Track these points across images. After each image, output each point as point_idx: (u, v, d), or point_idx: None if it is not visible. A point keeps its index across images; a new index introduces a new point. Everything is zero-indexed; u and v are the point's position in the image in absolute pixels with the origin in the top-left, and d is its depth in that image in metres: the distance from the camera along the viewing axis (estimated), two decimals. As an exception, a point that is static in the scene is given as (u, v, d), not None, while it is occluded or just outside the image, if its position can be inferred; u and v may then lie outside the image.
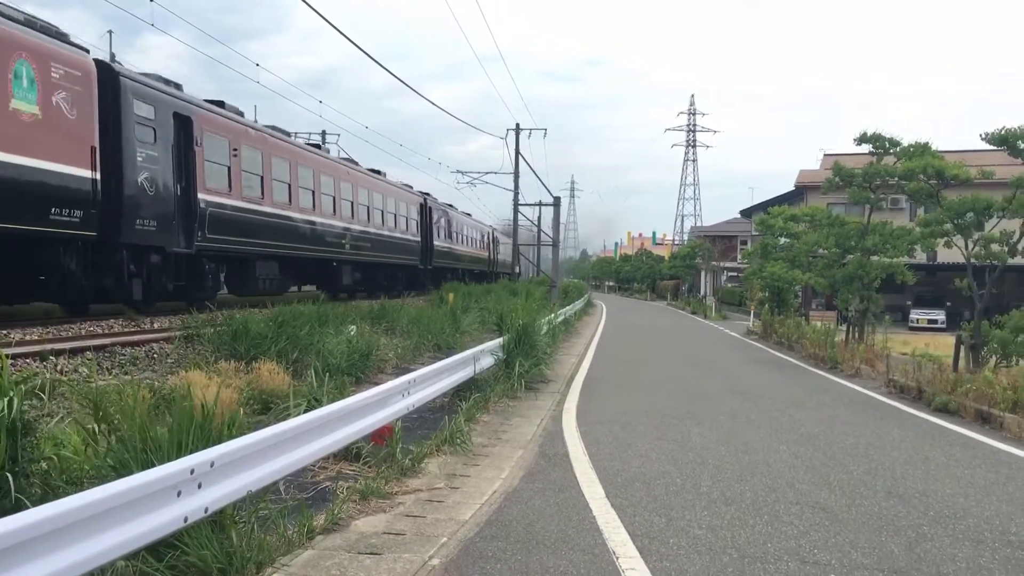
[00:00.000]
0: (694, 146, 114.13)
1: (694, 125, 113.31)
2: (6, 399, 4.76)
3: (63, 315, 14.11)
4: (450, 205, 43.69)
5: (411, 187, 37.10)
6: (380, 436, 7.03)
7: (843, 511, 6.13)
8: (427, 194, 38.64)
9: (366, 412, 6.65)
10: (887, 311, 32.17)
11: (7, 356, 7.24)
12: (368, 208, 28.32)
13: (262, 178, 19.95)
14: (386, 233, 30.38)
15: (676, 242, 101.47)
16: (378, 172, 31.32)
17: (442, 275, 39.45)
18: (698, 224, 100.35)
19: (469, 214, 50.17)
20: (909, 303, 38.29)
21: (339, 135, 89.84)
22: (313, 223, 23.11)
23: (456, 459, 7.61)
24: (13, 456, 4.64)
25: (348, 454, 7.03)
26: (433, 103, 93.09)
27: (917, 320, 36.95)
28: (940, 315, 36.44)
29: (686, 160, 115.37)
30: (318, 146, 27.71)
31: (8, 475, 4.46)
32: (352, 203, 26.64)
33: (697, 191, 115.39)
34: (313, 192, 23.32)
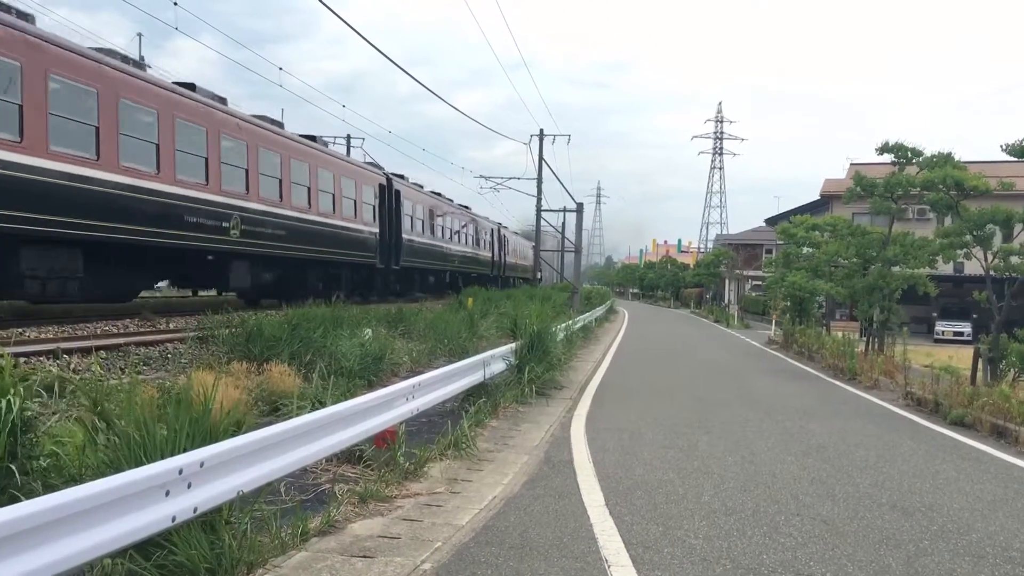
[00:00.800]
0: (721, 153, 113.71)
1: (721, 132, 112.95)
2: (7, 397, 4.82)
3: (82, 313, 14.28)
4: (437, 194, 38.31)
5: (380, 168, 30.58)
6: (383, 439, 7.05)
7: (844, 524, 6.07)
8: (399, 176, 31.97)
9: (369, 415, 6.66)
10: (912, 323, 31.88)
11: (18, 354, 7.36)
12: (281, 182, 21.18)
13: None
14: (315, 219, 23.20)
15: (701, 250, 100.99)
16: (313, 139, 24.31)
17: (419, 278, 34.66)
18: (724, 232, 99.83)
19: (467, 207, 45.08)
20: (935, 315, 37.89)
21: (363, 139, 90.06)
22: (156, 193, 15.78)
23: (460, 464, 7.62)
24: (13, 453, 4.71)
25: (351, 456, 7.07)
26: (456, 108, 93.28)
27: (942, 332, 36.54)
28: (966, 327, 36.01)
29: (713, 167, 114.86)
30: (193, 87, 18.26)
31: (12, 469, 4.53)
32: (247, 172, 19.43)
33: (723, 199, 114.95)
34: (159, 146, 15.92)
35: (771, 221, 56.07)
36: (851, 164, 42.82)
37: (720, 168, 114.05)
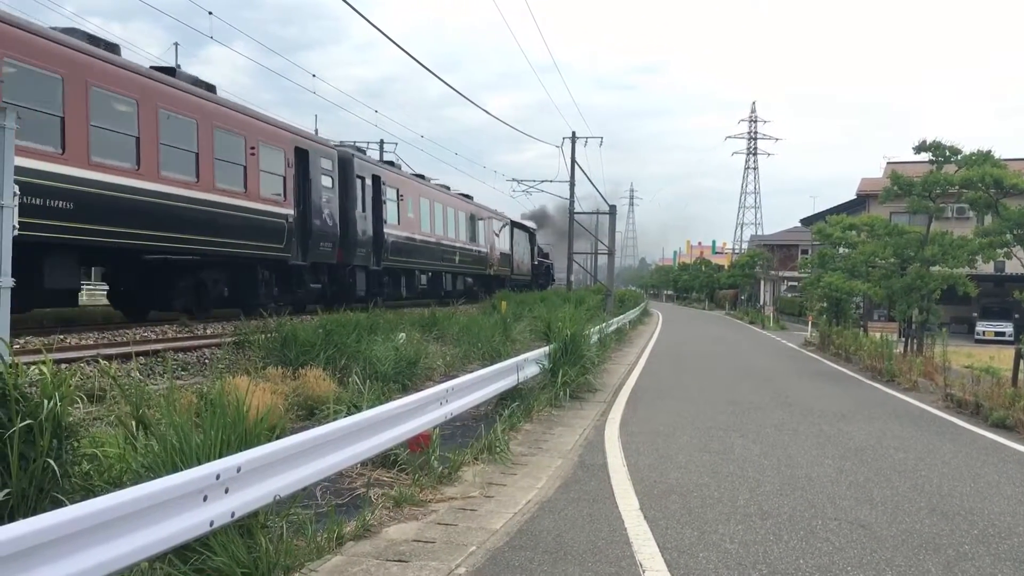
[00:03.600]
0: (755, 154, 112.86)
1: (755, 133, 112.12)
2: (49, 403, 4.92)
3: (121, 320, 14.49)
4: (420, 177, 31.27)
5: (318, 137, 24.90)
6: (417, 443, 7.08)
7: (883, 528, 6.00)
8: (352, 150, 25.35)
9: (402, 419, 6.69)
10: (952, 323, 31.42)
11: (59, 360, 7.49)
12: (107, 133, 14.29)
13: None
14: (171, 191, 15.72)
15: (736, 251, 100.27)
16: (171, 70, 17.64)
17: (378, 279, 26.06)
18: (759, 233, 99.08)
19: (447, 187, 36.07)
20: (975, 315, 37.30)
21: (396, 144, 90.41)
22: None
23: (494, 468, 7.63)
24: (58, 456, 4.80)
25: (386, 461, 7.10)
26: (487, 112, 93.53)
27: (983, 332, 35.95)
28: (1008, 327, 35.41)
29: (747, 168, 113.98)
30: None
31: (56, 472, 4.61)
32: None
33: (758, 199, 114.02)
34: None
35: (807, 221, 55.54)
36: (888, 163, 42.43)
37: (755, 168, 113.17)
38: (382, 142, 46.36)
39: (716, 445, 9.12)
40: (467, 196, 39.30)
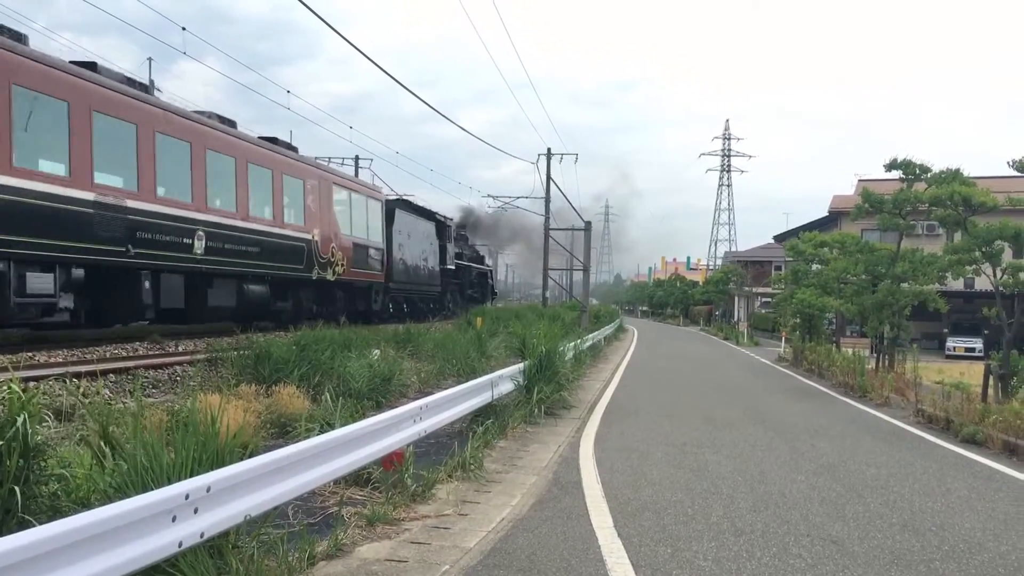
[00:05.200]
0: (729, 171, 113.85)
1: (729, 150, 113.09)
2: (16, 422, 4.84)
3: (89, 338, 14.34)
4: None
5: None
6: (390, 461, 7.04)
7: (855, 544, 6.03)
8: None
9: (376, 437, 6.67)
10: (923, 339, 31.73)
11: (28, 378, 7.39)
12: None
13: None
14: None
15: (710, 267, 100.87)
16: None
17: None
18: (733, 249, 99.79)
19: (231, 123, 20.63)
20: (946, 331, 37.70)
21: (372, 160, 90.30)
22: None
23: (468, 485, 7.60)
24: (23, 477, 4.72)
25: (359, 479, 7.06)
26: (463, 128, 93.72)
27: (954, 348, 36.32)
28: (977, 343, 35.78)
29: (721, 184, 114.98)
30: None
31: (21, 493, 4.54)
32: None
33: (732, 216, 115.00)
34: None
35: (780, 238, 56.02)
36: (859, 180, 42.92)
37: (728, 185, 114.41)
38: (357, 158, 46.32)
39: (690, 462, 9.14)
40: (289, 147, 23.77)
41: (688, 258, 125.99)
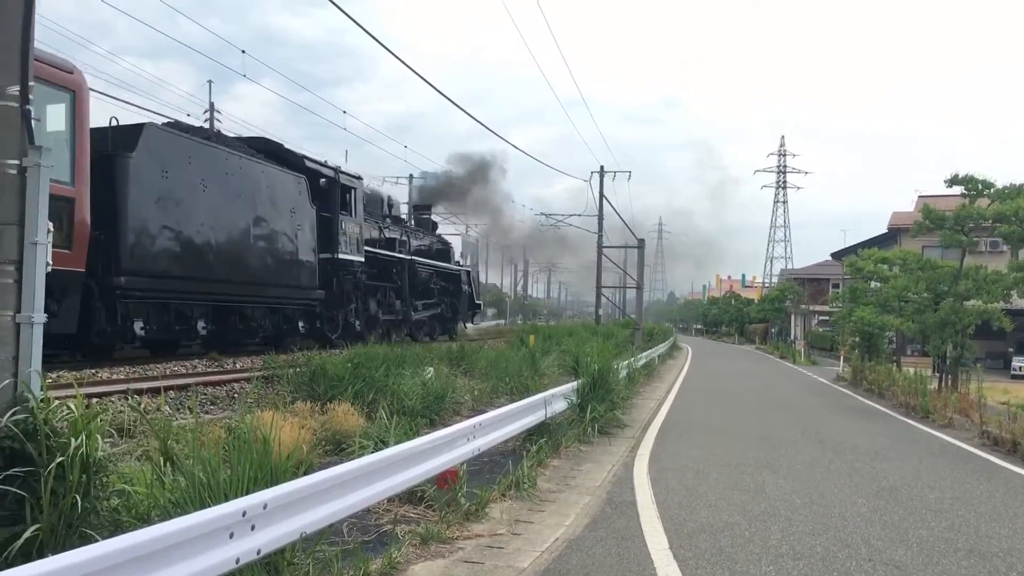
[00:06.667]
0: (784, 187, 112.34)
1: (784, 166, 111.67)
2: (79, 437, 4.95)
3: (152, 356, 14.63)
4: None
5: None
6: (444, 479, 7.05)
7: (919, 570, 5.87)
8: None
9: (430, 455, 6.67)
10: (987, 358, 30.92)
11: (90, 394, 7.56)
12: None
13: None
14: None
15: (766, 284, 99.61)
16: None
17: None
18: (789, 266, 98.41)
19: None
20: (1011, 350, 36.70)
21: (424, 179, 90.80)
22: None
23: (521, 504, 7.57)
24: (87, 493, 4.82)
25: (412, 497, 7.07)
26: (514, 145, 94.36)
27: (1019, 368, 35.32)
28: (1045, 362, 34.80)
29: (776, 201, 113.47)
30: None
31: (85, 508, 4.64)
32: None
33: (788, 233, 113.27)
34: None
35: (837, 255, 55.13)
36: (919, 196, 42.10)
37: (784, 202, 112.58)
38: (411, 176, 46.73)
39: (747, 482, 8.99)
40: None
41: (743, 275, 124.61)
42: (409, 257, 28.89)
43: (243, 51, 23.49)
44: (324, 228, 21.60)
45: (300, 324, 21.08)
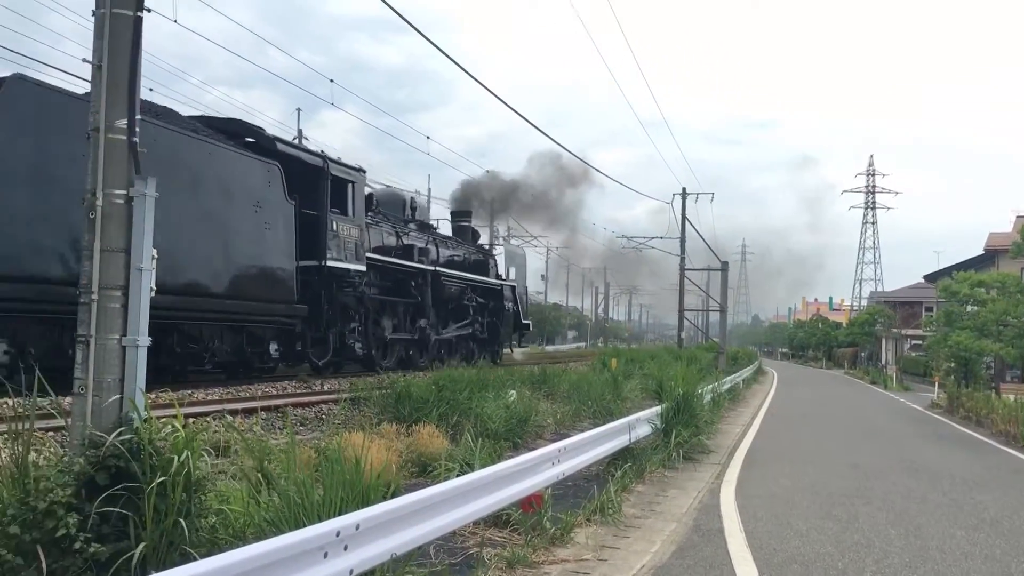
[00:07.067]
0: (873, 208, 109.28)
1: (873, 186, 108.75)
2: (183, 454, 5.13)
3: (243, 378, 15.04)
4: None
5: None
6: (529, 503, 7.06)
7: (1024, 607, 5.63)
8: None
9: (515, 479, 6.70)
10: (1093, 385, 29.50)
11: (187, 415, 7.82)
12: None
13: None
14: None
15: (854, 308, 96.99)
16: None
17: None
18: (878, 289, 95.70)
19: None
20: (1120, 376, 34.96)
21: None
22: None
23: (606, 530, 7.53)
24: (187, 511, 4.99)
25: (498, 520, 7.10)
26: (591, 165, 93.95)
27: None
28: None
29: (865, 222, 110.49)
30: None
31: (185, 527, 4.80)
32: None
33: (877, 255, 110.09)
34: None
35: (930, 277, 53.51)
36: (1017, 216, 40.61)
37: (873, 223, 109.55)
38: (493, 200, 47.06)
39: (838, 512, 8.76)
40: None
41: (830, 298, 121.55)
42: (432, 268, 24.31)
43: (331, 80, 24.06)
44: (308, 229, 17.47)
45: (272, 347, 16.95)
